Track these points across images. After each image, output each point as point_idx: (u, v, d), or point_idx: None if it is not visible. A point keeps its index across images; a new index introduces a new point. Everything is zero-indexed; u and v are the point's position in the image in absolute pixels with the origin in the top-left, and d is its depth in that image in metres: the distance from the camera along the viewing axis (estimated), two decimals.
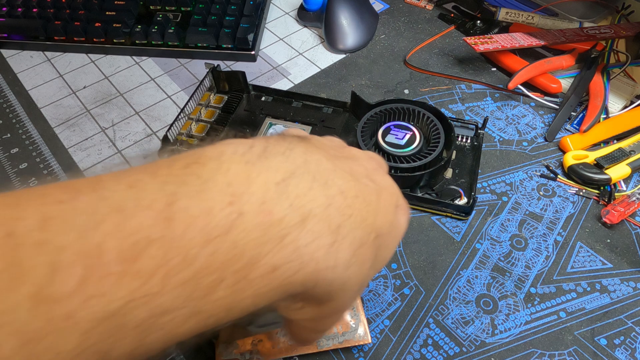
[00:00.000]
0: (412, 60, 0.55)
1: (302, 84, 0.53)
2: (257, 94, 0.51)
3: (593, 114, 0.45)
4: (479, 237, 0.39)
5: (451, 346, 0.34)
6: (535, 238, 0.39)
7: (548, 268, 0.37)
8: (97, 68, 0.56)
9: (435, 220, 0.40)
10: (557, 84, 0.49)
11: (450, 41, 0.57)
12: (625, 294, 0.36)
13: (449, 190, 0.41)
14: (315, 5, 0.59)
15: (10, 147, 0.47)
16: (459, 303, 0.36)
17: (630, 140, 0.44)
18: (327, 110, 0.48)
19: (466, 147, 0.45)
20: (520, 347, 0.33)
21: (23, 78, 0.55)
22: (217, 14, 0.57)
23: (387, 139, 0.42)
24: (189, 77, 0.54)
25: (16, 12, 0.59)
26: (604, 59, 0.50)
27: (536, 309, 0.35)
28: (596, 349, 0.33)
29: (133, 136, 0.48)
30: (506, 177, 0.43)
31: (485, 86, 0.51)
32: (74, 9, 0.58)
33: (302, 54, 0.56)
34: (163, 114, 0.50)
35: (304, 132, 0.25)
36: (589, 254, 0.38)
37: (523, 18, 0.56)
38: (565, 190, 0.42)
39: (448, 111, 0.49)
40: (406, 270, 0.37)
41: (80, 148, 0.47)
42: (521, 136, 0.47)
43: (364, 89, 0.52)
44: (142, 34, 0.56)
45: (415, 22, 0.60)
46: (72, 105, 0.51)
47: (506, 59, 0.52)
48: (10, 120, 0.50)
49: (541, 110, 0.49)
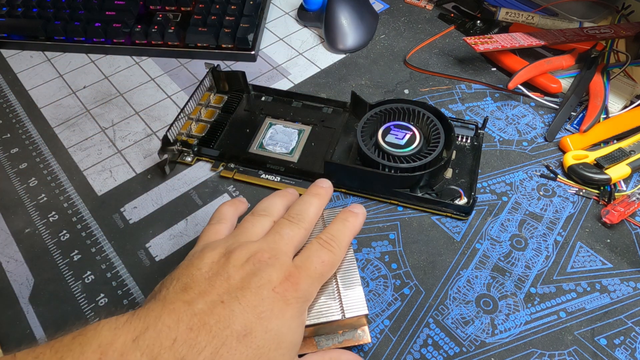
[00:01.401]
0: (412, 60, 0.55)
1: (302, 84, 0.53)
2: (257, 94, 0.51)
3: (593, 114, 0.45)
4: (479, 237, 0.39)
5: (451, 346, 0.34)
6: (535, 238, 0.39)
7: (548, 268, 0.37)
8: (97, 68, 0.56)
9: (435, 220, 0.40)
10: (557, 84, 0.49)
11: (450, 41, 0.57)
12: (625, 294, 0.36)
13: (449, 190, 0.41)
14: (315, 5, 0.59)
15: (10, 147, 0.47)
16: (459, 303, 0.36)
17: (630, 140, 0.44)
18: (327, 110, 0.48)
19: (466, 147, 0.45)
20: (520, 347, 0.33)
21: (23, 78, 0.55)
22: (217, 14, 0.57)
23: (387, 139, 0.42)
24: (189, 77, 0.54)
25: (16, 12, 0.59)
26: (604, 59, 0.50)
27: (536, 309, 0.35)
28: (596, 349, 0.33)
29: (133, 136, 0.48)
30: (506, 177, 0.43)
31: (485, 86, 0.51)
32: (74, 9, 0.58)
33: (302, 54, 0.56)
34: (163, 114, 0.50)
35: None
36: (589, 254, 0.38)
37: (523, 18, 0.56)
38: (565, 190, 0.42)
39: (448, 111, 0.49)
40: (406, 270, 0.37)
41: (80, 148, 0.47)
42: (521, 136, 0.47)
43: (364, 89, 0.52)
44: (142, 34, 0.56)
45: (415, 22, 0.60)
46: (72, 105, 0.51)
47: (506, 59, 0.52)
48: (10, 120, 0.50)
49: (541, 110, 0.49)
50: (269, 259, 0.29)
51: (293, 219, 0.32)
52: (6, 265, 0.39)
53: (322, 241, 0.31)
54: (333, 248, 0.31)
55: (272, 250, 0.30)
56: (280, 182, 0.43)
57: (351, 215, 0.34)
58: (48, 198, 0.43)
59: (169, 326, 0.25)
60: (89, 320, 0.35)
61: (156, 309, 0.26)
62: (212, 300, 0.26)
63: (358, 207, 0.35)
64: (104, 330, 0.24)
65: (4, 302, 0.36)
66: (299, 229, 0.32)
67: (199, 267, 0.29)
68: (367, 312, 0.31)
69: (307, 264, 0.30)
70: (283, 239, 0.31)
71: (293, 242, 0.31)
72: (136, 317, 0.25)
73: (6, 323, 0.35)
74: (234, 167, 0.44)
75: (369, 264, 0.38)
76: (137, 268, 0.38)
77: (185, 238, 0.40)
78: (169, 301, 0.26)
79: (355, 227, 0.34)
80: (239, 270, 0.28)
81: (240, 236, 0.31)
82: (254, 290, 0.27)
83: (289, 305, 0.28)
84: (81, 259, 0.39)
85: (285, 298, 0.28)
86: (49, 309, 0.36)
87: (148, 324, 0.25)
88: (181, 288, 0.27)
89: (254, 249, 0.30)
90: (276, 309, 0.27)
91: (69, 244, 0.40)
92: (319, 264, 0.30)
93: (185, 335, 0.25)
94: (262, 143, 0.45)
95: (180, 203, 0.42)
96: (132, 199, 0.43)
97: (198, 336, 0.25)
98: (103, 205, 0.42)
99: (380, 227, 0.40)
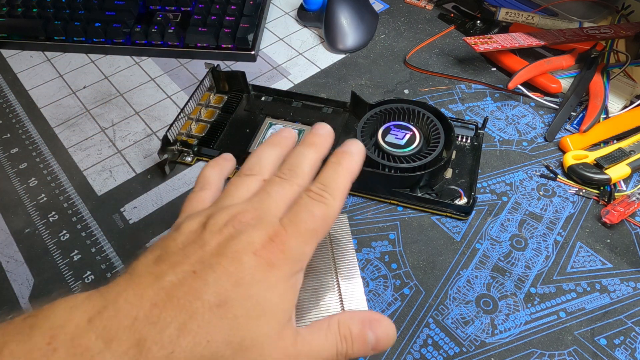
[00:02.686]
0: (412, 60, 0.55)
1: (302, 84, 0.53)
2: (257, 94, 0.51)
3: (593, 114, 0.45)
4: (479, 237, 0.39)
5: (451, 346, 0.34)
6: (535, 238, 0.39)
7: (548, 268, 0.37)
8: (97, 68, 0.56)
9: (435, 220, 0.40)
10: (557, 84, 0.49)
11: (450, 41, 0.57)
12: (625, 294, 0.36)
13: (449, 190, 0.41)
14: (315, 5, 0.59)
15: (10, 147, 0.47)
16: (459, 303, 0.36)
17: (630, 140, 0.44)
18: (327, 110, 0.48)
19: (466, 147, 0.45)
20: (520, 347, 0.33)
21: (23, 78, 0.55)
22: (217, 14, 0.57)
23: (387, 139, 0.42)
24: (189, 77, 0.54)
25: (16, 12, 0.59)
26: (604, 59, 0.50)
27: (536, 309, 0.35)
28: (596, 349, 0.33)
29: (133, 136, 0.48)
30: (506, 177, 0.43)
31: (485, 86, 0.51)
32: (74, 9, 0.58)
33: (302, 54, 0.56)
34: (163, 114, 0.50)
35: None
36: (589, 254, 0.38)
37: (523, 18, 0.56)
38: (565, 190, 0.42)
39: (448, 111, 0.49)
40: (406, 270, 0.37)
41: (80, 148, 0.47)
42: (521, 136, 0.47)
43: (364, 89, 0.52)
44: (142, 34, 0.56)
45: (415, 22, 0.60)
46: (72, 105, 0.51)
47: (506, 59, 0.52)
48: (10, 120, 0.50)
49: (541, 110, 0.49)
50: (252, 219, 0.25)
51: (284, 175, 0.28)
52: (6, 265, 0.39)
53: (313, 193, 0.26)
54: (326, 199, 0.26)
55: (255, 210, 0.26)
56: None
57: (345, 157, 0.28)
58: (48, 198, 0.43)
59: (131, 303, 0.22)
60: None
61: (121, 284, 0.23)
62: (183, 270, 0.23)
63: (353, 144, 0.29)
64: (59, 309, 0.22)
65: (4, 302, 0.36)
66: (291, 186, 0.27)
67: (174, 238, 0.25)
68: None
69: (296, 221, 0.25)
70: (271, 197, 0.26)
71: (284, 200, 0.26)
72: (97, 294, 0.23)
73: None
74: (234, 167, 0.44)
75: (369, 264, 0.38)
76: None
77: None
78: (136, 274, 0.24)
79: (351, 169, 0.28)
80: (216, 235, 0.25)
81: (222, 201, 0.28)
82: (232, 256, 0.24)
83: (275, 268, 0.24)
84: (81, 259, 0.39)
85: (270, 261, 0.24)
86: None
87: (108, 301, 0.22)
88: (153, 260, 0.24)
89: (235, 211, 0.26)
90: (258, 274, 0.23)
91: (69, 244, 0.40)
92: (309, 219, 0.25)
93: (147, 312, 0.22)
94: (262, 143, 0.45)
95: (180, 203, 0.42)
96: (132, 199, 0.43)
97: (162, 312, 0.22)
98: (103, 205, 0.42)
99: (380, 227, 0.40)
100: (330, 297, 0.32)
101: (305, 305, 0.31)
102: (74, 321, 0.21)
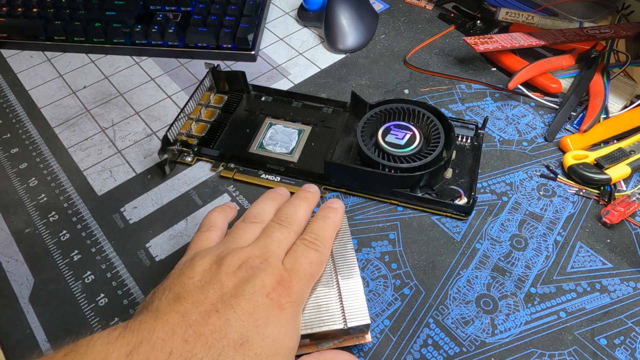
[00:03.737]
0: (412, 60, 0.55)
1: (302, 84, 0.53)
2: (257, 94, 0.51)
3: (593, 114, 0.45)
4: (479, 237, 0.39)
5: (451, 346, 0.34)
6: (535, 238, 0.39)
7: (548, 268, 0.37)
8: (97, 68, 0.56)
9: (435, 220, 0.40)
10: (557, 84, 0.49)
11: (450, 41, 0.57)
12: (625, 294, 0.36)
13: (449, 190, 0.41)
14: (315, 5, 0.59)
15: (10, 147, 0.47)
16: (459, 303, 0.36)
17: (630, 140, 0.44)
18: (327, 110, 0.48)
19: (466, 147, 0.45)
20: (520, 347, 0.33)
21: (23, 78, 0.55)
22: (217, 14, 0.57)
23: (387, 139, 0.42)
24: (189, 77, 0.54)
25: (16, 12, 0.59)
26: (604, 59, 0.50)
27: (536, 309, 0.35)
28: (596, 349, 0.33)
29: (133, 136, 0.48)
30: (506, 177, 0.43)
31: (485, 86, 0.51)
32: (74, 9, 0.58)
33: (302, 54, 0.56)
34: (163, 114, 0.50)
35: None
36: (589, 254, 0.38)
37: (523, 18, 0.56)
38: (565, 190, 0.42)
39: (448, 111, 0.49)
40: (406, 270, 0.37)
41: (80, 148, 0.47)
42: (521, 136, 0.47)
43: (364, 89, 0.52)
44: (142, 34, 0.56)
45: (415, 22, 0.60)
46: (72, 105, 0.51)
47: (506, 59, 0.52)
48: (10, 120, 0.50)
49: (541, 110, 0.49)
50: (261, 263, 0.29)
51: (283, 222, 0.32)
52: (6, 265, 0.39)
53: (307, 241, 0.31)
54: (318, 247, 0.31)
55: (263, 255, 0.30)
56: (281, 182, 0.43)
57: (331, 212, 0.34)
58: (48, 198, 0.43)
59: (163, 339, 0.24)
60: (89, 321, 0.35)
61: (149, 321, 0.25)
62: (206, 309, 0.26)
63: (336, 202, 0.35)
64: (97, 345, 0.24)
65: (4, 302, 0.36)
66: (289, 232, 0.32)
67: (191, 276, 0.28)
68: (369, 322, 0.31)
69: (297, 267, 0.30)
70: (274, 242, 0.31)
71: (284, 245, 0.31)
72: (129, 331, 0.25)
73: (6, 323, 0.35)
74: (234, 167, 0.44)
75: (369, 264, 0.38)
76: (137, 268, 0.38)
77: (185, 238, 0.40)
78: (162, 312, 0.26)
79: (335, 222, 0.34)
80: (232, 277, 0.28)
81: (231, 243, 0.31)
82: (248, 297, 0.27)
83: (284, 310, 0.28)
84: (81, 259, 0.39)
85: (280, 303, 0.28)
86: (49, 309, 0.36)
87: (142, 337, 0.24)
88: (174, 298, 0.27)
89: (245, 255, 0.29)
90: (272, 315, 0.27)
91: (69, 244, 0.40)
92: (307, 265, 0.30)
93: (181, 347, 0.24)
94: (262, 143, 0.45)
95: (180, 203, 0.42)
96: (132, 199, 0.43)
97: (194, 348, 0.24)
98: (103, 205, 0.42)
99: (380, 227, 0.40)
100: (330, 297, 0.32)
101: (305, 306, 0.31)
102: (113, 356, 0.24)
